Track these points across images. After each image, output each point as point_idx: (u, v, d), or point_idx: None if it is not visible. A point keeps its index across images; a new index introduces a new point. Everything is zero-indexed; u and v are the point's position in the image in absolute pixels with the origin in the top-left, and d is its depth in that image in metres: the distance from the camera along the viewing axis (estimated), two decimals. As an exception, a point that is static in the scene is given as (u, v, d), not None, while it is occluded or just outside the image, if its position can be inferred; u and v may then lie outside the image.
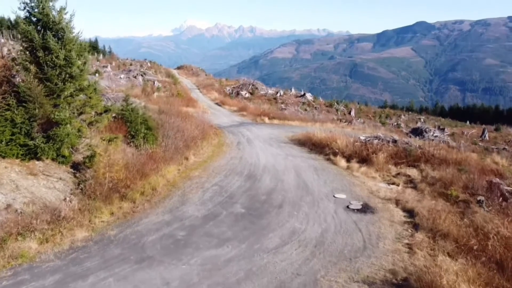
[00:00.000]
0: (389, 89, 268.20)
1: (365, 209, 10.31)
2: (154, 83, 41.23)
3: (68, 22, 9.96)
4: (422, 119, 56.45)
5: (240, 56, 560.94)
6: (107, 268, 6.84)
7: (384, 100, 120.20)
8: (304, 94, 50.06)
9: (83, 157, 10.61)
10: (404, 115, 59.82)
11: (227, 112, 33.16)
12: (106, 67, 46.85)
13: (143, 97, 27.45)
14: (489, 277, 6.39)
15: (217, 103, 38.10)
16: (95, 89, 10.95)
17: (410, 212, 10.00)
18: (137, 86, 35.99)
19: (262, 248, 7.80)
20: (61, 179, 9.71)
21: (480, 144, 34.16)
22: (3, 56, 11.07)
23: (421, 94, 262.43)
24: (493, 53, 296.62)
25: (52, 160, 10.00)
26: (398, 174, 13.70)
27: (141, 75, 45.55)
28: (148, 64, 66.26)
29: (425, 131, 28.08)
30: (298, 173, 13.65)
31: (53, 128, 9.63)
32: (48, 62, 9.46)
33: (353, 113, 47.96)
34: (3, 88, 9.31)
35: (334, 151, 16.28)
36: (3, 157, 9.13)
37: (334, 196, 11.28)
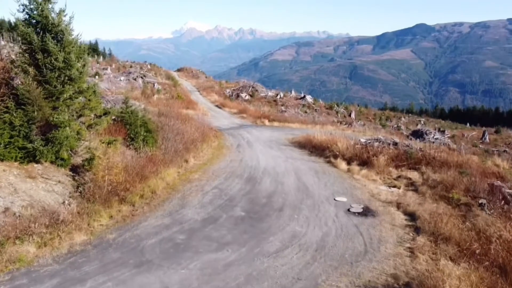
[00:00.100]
0: (389, 91, 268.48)
1: (366, 212, 10.23)
2: (154, 85, 41.20)
3: (67, 24, 9.92)
4: (422, 121, 56.45)
5: (240, 58, 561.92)
6: (105, 272, 6.77)
7: (384, 102, 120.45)
8: (304, 96, 50.04)
9: (82, 160, 10.55)
10: (404, 117, 59.81)
11: (227, 114, 33.13)
12: (106, 69, 46.81)
13: (143, 99, 27.42)
14: (492, 281, 6.32)
15: (217, 105, 38.08)
16: (94, 91, 10.89)
17: (412, 216, 9.93)
18: (137, 89, 35.96)
19: (263, 252, 7.72)
20: (60, 182, 9.65)
21: (481, 146, 34.09)
22: (1, 58, 11.01)
23: (421, 96, 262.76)
24: (493, 55, 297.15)
25: (51, 163, 9.94)
26: (399, 177, 13.63)
27: (141, 77, 45.51)
28: (148, 66, 66.28)
29: (425, 134, 28.05)
30: (298, 175, 13.59)
31: (52, 131, 9.56)
32: (47, 65, 9.41)
33: (353, 115, 47.93)
34: (1, 90, 9.24)
35: (335, 153, 16.21)
36: (2, 160, 9.07)
37: (334, 199, 11.21)
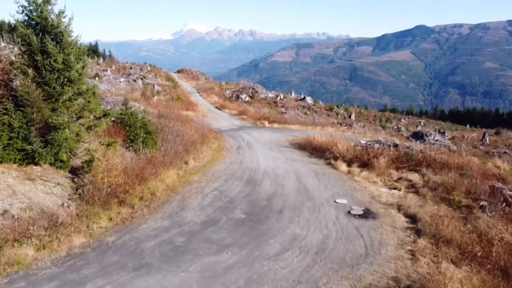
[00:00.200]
0: (389, 92, 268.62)
1: (367, 214, 10.18)
2: (154, 86, 41.16)
3: (66, 26, 9.88)
4: (422, 123, 56.47)
5: (240, 59, 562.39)
6: (104, 275, 6.71)
7: (384, 104, 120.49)
8: (304, 97, 50.02)
9: (82, 162, 10.49)
10: (404, 119, 59.82)
11: (227, 115, 33.09)
12: (106, 70, 46.80)
13: (142, 100, 27.38)
14: (494, 285, 6.28)
15: (217, 107, 38.04)
16: (94, 93, 10.84)
17: (412, 218, 9.87)
18: (136, 90, 35.91)
19: (263, 255, 7.67)
20: (59, 184, 9.59)
21: (481, 148, 34.07)
22: (0, 59, 10.98)
23: (420, 98, 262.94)
24: (493, 56, 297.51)
25: (50, 165, 9.89)
26: (400, 178, 13.58)
27: (141, 78, 45.48)
28: (148, 68, 66.29)
29: (425, 135, 28.01)
30: (298, 177, 13.54)
31: (51, 133, 9.52)
32: (46, 66, 9.36)
33: (353, 116, 47.90)
34: (0, 92, 9.20)
35: (335, 155, 16.17)
36: (0, 162, 9.02)
37: (335, 201, 11.16)
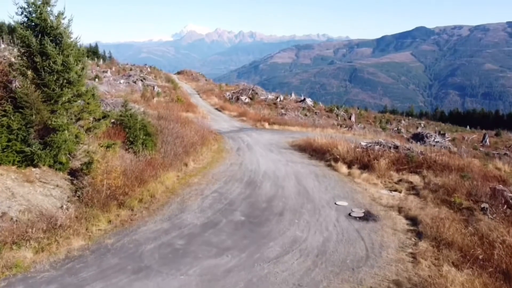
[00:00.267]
0: (388, 94, 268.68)
1: (367, 216, 10.13)
2: (154, 88, 41.16)
3: (66, 27, 9.86)
4: (422, 124, 56.46)
5: (240, 61, 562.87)
6: (103, 278, 6.66)
7: (384, 105, 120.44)
8: (304, 99, 50.04)
9: (81, 164, 10.45)
10: (404, 120, 59.84)
11: (227, 117, 33.06)
12: (106, 72, 46.82)
13: (142, 102, 27.36)
14: (496, 288, 6.23)
15: (217, 108, 38.02)
16: (93, 94, 10.81)
17: (413, 220, 9.82)
18: (136, 91, 35.91)
19: (263, 258, 7.62)
20: (58, 186, 9.55)
21: (481, 149, 34.06)
22: (0, 61, 10.95)
23: (420, 99, 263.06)
24: (493, 58, 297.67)
25: (49, 167, 9.84)
26: (400, 180, 13.52)
27: (141, 80, 45.49)
28: (148, 69, 66.29)
29: (426, 137, 27.99)
30: (298, 179, 13.49)
31: (50, 135, 9.48)
32: (45, 68, 9.33)
33: (353, 118, 47.88)
34: (-1, 93, 9.18)
35: (335, 157, 16.13)
36: (-1, 164, 8.99)
37: (335, 204, 11.11)
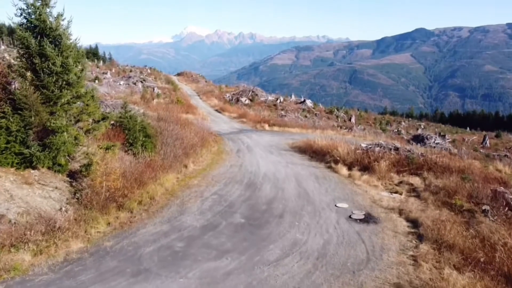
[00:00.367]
0: (388, 95, 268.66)
1: (368, 219, 10.07)
2: (153, 89, 41.17)
3: (65, 29, 9.83)
4: (422, 126, 56.43)
5: (240, 62, 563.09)
6: (102, 281, 6.60)
7: (383, 107, 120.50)
8: (304, 100, 50.03)
9: (80, 166, 10.40)
10: (404, 122, 59.83)
11: (226, 119, 33.03)
12: (106, 73, 46.85)
13: (142, 104, 27.34)
14: (498, 291, 6.17)
15: (216, 110, 37.99)
16: (92, 96, 10.77)
17: (414, 222, 9.75)
18: (136, 93, 35.92)
19: (263, 261, 7.56)
20: (57, 188, 9.50)
21: (481, 151, 34.02)
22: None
23: (420, 101, 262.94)
24: (492, 59, 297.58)
25: (48, 168, 9.80)
26: (401, 182, 13.46)
27: (140, 81, 45.50)
28: (148, 71, 66.34)
29: (426, 138, 27.94)
30: (299, 181, 13.44)
31: (49, 136, 9.43)
32: (44, 69, 9.30)
33: (353, 119, 47.85)
34: (-2, 95, 9.14)
35: (335, 158, 16.07)
36: (-2, 166, 8.94)
37: (336, 206, 11.06)
